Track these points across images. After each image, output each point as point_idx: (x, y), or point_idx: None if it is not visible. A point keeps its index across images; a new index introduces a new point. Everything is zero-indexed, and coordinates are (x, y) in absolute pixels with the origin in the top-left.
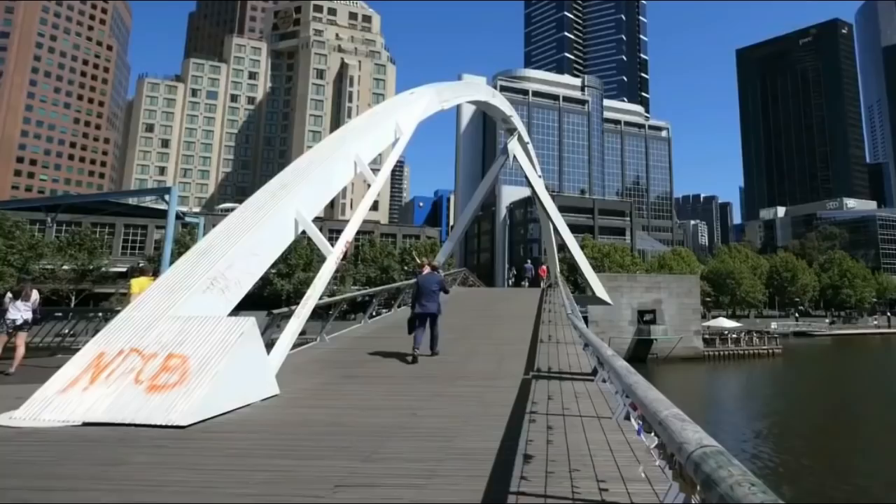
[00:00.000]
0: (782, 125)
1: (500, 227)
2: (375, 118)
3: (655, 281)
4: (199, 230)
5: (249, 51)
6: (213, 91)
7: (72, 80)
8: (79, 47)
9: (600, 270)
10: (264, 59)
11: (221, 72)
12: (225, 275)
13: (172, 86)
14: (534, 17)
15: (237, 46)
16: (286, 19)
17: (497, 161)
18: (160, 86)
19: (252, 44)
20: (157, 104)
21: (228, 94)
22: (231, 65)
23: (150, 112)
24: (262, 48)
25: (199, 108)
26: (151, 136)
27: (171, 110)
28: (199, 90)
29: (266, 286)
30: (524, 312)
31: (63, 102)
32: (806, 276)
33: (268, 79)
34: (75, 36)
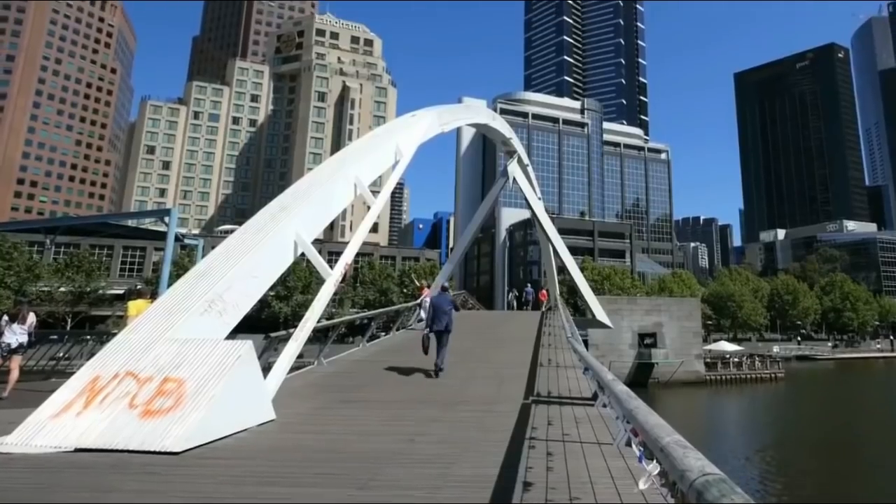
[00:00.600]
0: (781, 147)
1: (499, 250)
2: (376, 140)
3: (656, 304)
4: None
5: (252, 74)
6: (215, 113)
7: (75, 103)
8: (83, 70)
9: (600, 293)
10: (266, 82)
11: (224, 94)
12: (223, 297)
13: (175, 108)
14: (534, 41)
15: (240, 69)
16: (289, 43)
17: (497, 183)
18: (163, 108)
19: (255, 67)
20: (159, 126)
21: (230, 117)
22: (233, 87)
23: (152, 134)
24: (265, 71)
25: (201, 131)
26: (152, 157)
27: (172, 132)
28: (201, 112)
29: (264, 308)
30: (524, 335)
31: (65, 125)
32: (807, 299)
33: (269, 101)
34: (80, 59)
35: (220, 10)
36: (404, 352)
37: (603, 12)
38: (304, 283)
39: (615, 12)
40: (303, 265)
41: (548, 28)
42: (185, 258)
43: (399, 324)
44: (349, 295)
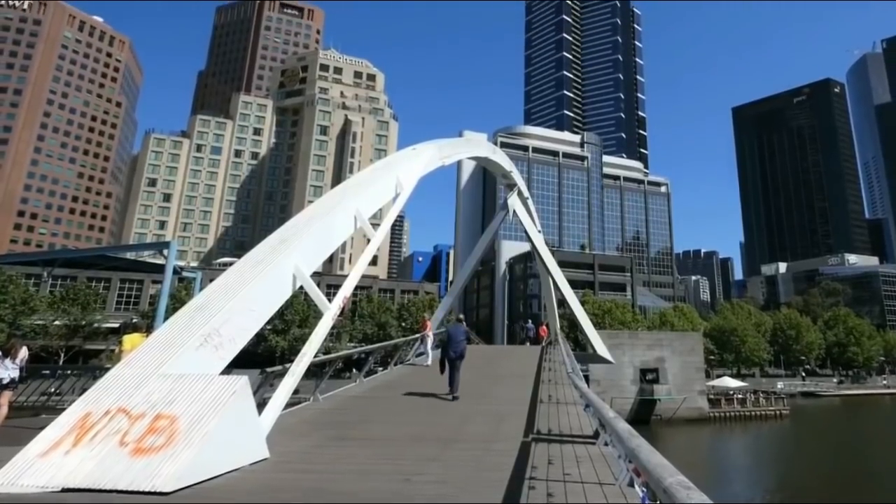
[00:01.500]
0: (780, 181)
1: (499, 283)
2: (377, 173)
3: (657, 338)
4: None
5: (255, 108)
6: (218, 146)
7: (79, 136)
8: (88, 104)
9: (601, 327)
10: (269, 116)
11: (227, 128)
12: (219, 331)
13: (178, 141)
14: (533, 76)
15: (244, 103)
16: (293, 77)
17: (497, 216)
18: (165, 141)
19: (258, 101)
20: (161, 159)
21: (232, 150)
22: (237, 121)
23: (154, 167)
24: (268, 105)
25: (203, 164)
26: (154, 190)
27: (174, 165)
28: (203, 146)
29: (260, 342)
30: (524, 371)
31: (68, 157)
32: (811, 333)
33: (272, 134)
34: (86, 93)
35: (225, 45)
36: (402, 387)
37: (602, 48)
38: (302, 316)
39: (614, 48)
40: (301, 298)
41: (547, 63)
42: (183, 291)
43: (397, 358)
44: (347, 329)
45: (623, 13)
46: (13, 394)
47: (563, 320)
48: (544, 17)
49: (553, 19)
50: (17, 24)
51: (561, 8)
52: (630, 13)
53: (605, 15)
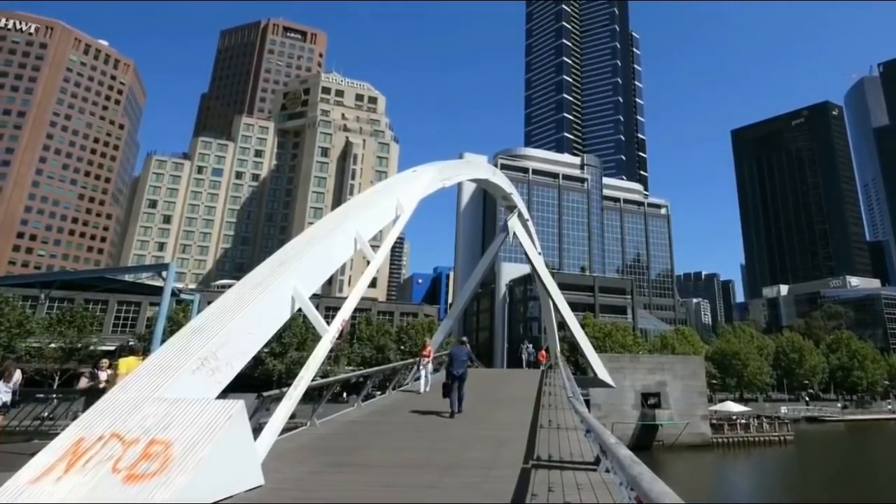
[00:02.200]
0: (780, 203)
1: (499, 305)
2: (377, 195)
3: (659, 362)
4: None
5: (257, 130)
6: (219, 168)
7: (81, 157)
8: (91, 126)
9: (601, 350)
10: (271, 138)
11: (228, 150)
12: (216, 354)
13: (179, 163)
14: (534, 98)
15: (245, 125)
16: (295, 100)
17: (497, 238)
18: (167, 163)
19: (260, 123)
20: (162, 181)
21: (233, 172)
22: (238, 143)
23: (155, 188)
24: (270, 127)
25: (204, 185)
26: (154, 212)
27: (175, 187)
28: (204, 167)
29: (257, 366)
30: (524, 395)
31: (70, 179)
32: (813, 357)
33: (273, 156)
34: (89, 115)
35: (228, 68)
36: (401, 412)
37: (601, 71)
38: (300, 339)
39: (613, 71)
40: (299, 321)
41: (548, 86)
42: (181, 313)
43: (396, 382)
44: (345, 352)
45: (622, 37)
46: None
47: (563, 343)
48: (544, 40)
49: (553, 43)
50: (24, 48)
51: (561, 32)
52: (629, 37)
53: (605, 39)
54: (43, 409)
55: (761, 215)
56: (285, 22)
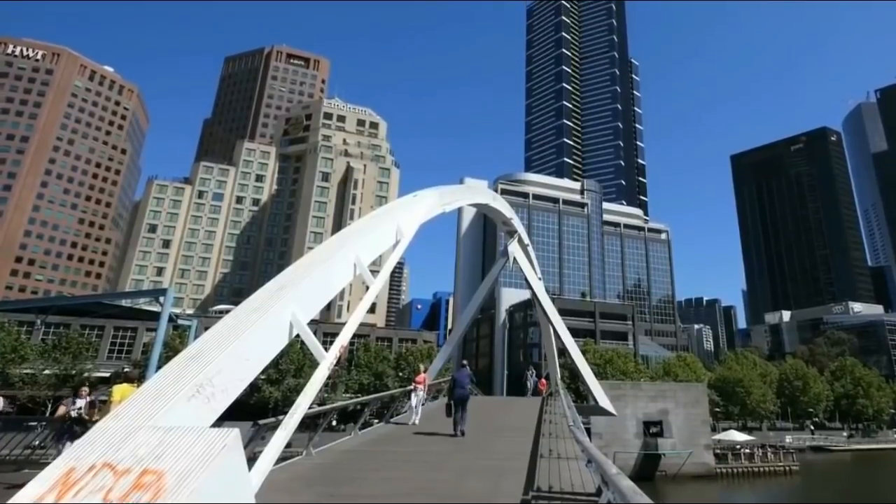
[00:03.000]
0: (781, 228)
1: (499, 331)
2: (377, 220)
3: (661, 389)
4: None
5: (258, 155)
6: (220, 193)
7: (82, 182)
8: (94, 151)
9: (603, 377)
10: (272, 163)
11: (229, 175)
12: (212, 381)
13: (180, 188)
14: (534, 124)
15: (247, 150)
16: (297, 125)
17: (497, 263)
18: (168, 188)
19: (262, 148)
20: (162, 205)
21: (234, 196)
22: (239, 168)
23: (156, 213)
24: (271, 152)
25: (204, 210)
26: (153, 236)
27: (176, 212)
28: (205, 192)
29: (254, 393)
30: (524, 423)
31: (70, 203)
32: (817, 384)
33: (274, 181)
34: (92, 140)
35: (232, 94)
36: (399, 441)
37: (601, 97)
38: (297, 366)
39: (613, 97)
40: (297, 347)
41: (548, 112)
42: (177, 339)
43: (394, 410)
44: (343, 379)
45: (621, 64)
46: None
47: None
48: (544, 66)
49: (553, 69)
50: (30, 74)
51: (561, 58)
52: (628, 64)
53: (605, 65)
54: (34, 437)
55: (762, 240)
56: (289, 49)
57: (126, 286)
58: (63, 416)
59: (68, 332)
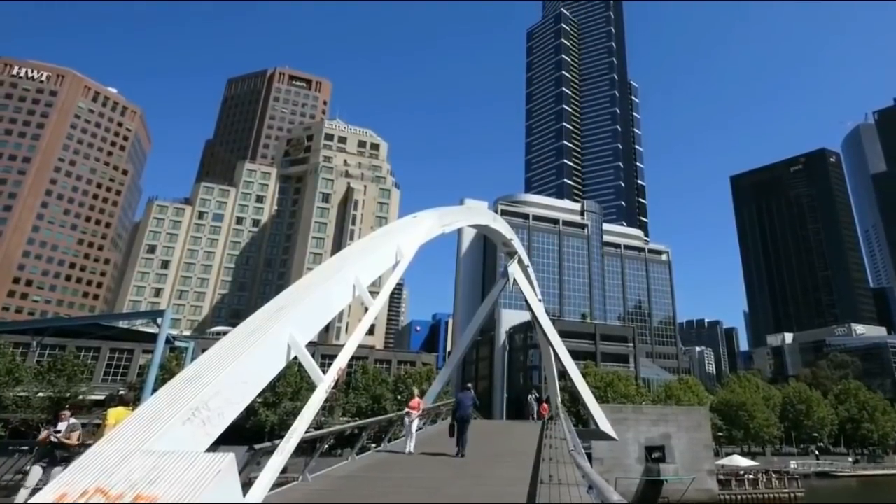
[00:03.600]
0: (781, 249)
1: (499, 353)
2: (377, 241)
3: (663, 413)
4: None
5: (259, 175)
6: (220, 213)
7: (82, 203)
8: (95, 171)
9: (603, 401)
10: (273, 183)
11: (230, 195)
12: (208, 404)
13: (180, 208)
14: (534, 145)
15: (248, 171)
16: (298, 146)
17: (497, 284)
18: (168, 208)
19: (262, 169)
20: (162, 226)
21: (234, 217)
22: (240, 189)
23: (155, 234)
24: (272, 173)
25: (204, 231)
26: (152, 257)
27: (175, 232)
28: (205, 213)
29: (249, 416)
30: (524, 448)
31: (70, 224)
32: (821, 408)
33: (274, 202)
34: (94, 161)
35: (234, 115)
36: (397, 467)
37: (601, 118)
38: (295, 388)
39: (612, 119)
40: (294, 369)
41: (548, 133)
42: (173, 361)
43: (392, 434)
44: (340, 402)
45: (621, 86)
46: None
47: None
48: (544, 88)
49: (553, 91)
50: (34, 95)
51: (560, 81)
52: (628, 86)
53: (604, 87)
54: (26, 462)
55: (763, 262)
56: (291, 71)
57: (124, 307)
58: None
59: (64, 353)
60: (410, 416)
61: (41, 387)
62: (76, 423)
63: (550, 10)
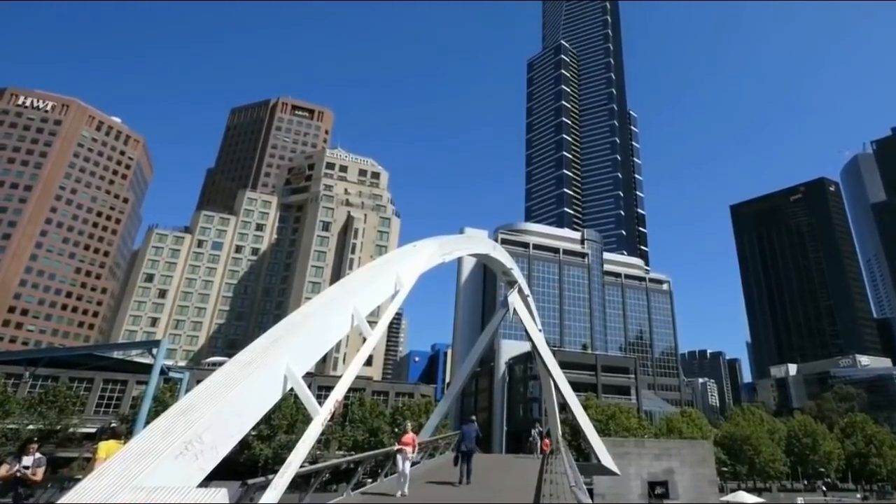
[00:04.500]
0: (783, 279)
1: (498, 385)
2: (376, 270)
3: (665, 447)
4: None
5: (260, 204)
6: (219, 242)
7: (82, 231)
8: (95, 200)
9: (605, 434)
10: (273, 212)
11: (230, 224)
12: (202, 437)
13: (180, 237)
14: (534, 174)
15: (248, 200)
16: (299, 175)
17: (497, 314)
18: (167, 237)
19: (263, 197)
20: (161, 254)
21: (233, 246)
22: (240, 217)
23: (154, 262)
24: (273, 201)
25: (203, 259)
26: (150, 286)
27: (174, 261)
28: (205, 241)
29: (243, 450)
30: (523, 484)
31: (68, 252)
32: (828, 442)
33: (274, 230)
34: (95, 189)
35: (236, 144)
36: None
37: (600, 148)
38: (290, 421)
39: (612, 148)
40: (290, 401)
41: (548, 162)
42: (167, 393)
43: (388, 468)
44: (336, 435)
45: (620, 116)
46: None
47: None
48: (544, 117)
49: (553, 120)
50: (38, 125)
51: (560, 110)
52: (627, 116)
53: (603, 117)
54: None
55: (765, 291)
56: (294, 101)
57: (119, 337)
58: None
59: (56, 385)
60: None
61: (32, 419)
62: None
63: (550, 42)
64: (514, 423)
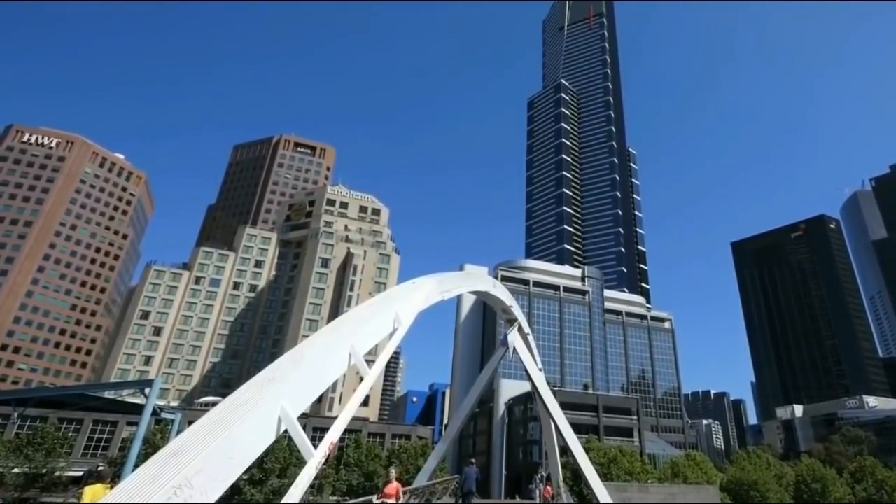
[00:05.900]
0: (786, 317)
1: (497, 427)
2: (374, 308)
3: (670, 493)
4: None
5: (259, 240)
6: (217, 279)
7: (79, 267)
8: (95, 236)
9: (607, 478)
10: (272, 248)
11: (228, 260)
12: (191, 482)
13: (177, 273)
14: (534, 211)
15: (248, 236)
16: (299, 211)
17: (497, 353)
18: (165, 273)
19: (263, 234)
20: (158, 291)
21: (231, 282)
22: (239, 253)
23: (150, 299)
24: (272, 238)
25: (200, 296)
26: (145, 323)
27: (171, 297)
28: (203, 278)
29: (234, 495)
30: None
31: (65, 289)
32: (838, 488)
33: (273, 267)
34: (94, 225)
35: (238, 180)
36: None
37: (600, 185)
38: (283, 465)
39: (612, 185)
40: (283, 443)
41: (548, 199)
42: (158, 435)
43: None
44: (330, 479)
45: (620, 153)
46: None
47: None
48: (545, 155)
49: (553, 158)
50: (42, 161)
51: (560, 148)
52: (626, 153)
53: (603, 154)
54: None
55: (768, 330)
56: (296, 138)
57: (112, 376)
58: None
59: (45, 425)
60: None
61: (17, 462)
62: None
63: (550, 80)
64: (513, 466)
